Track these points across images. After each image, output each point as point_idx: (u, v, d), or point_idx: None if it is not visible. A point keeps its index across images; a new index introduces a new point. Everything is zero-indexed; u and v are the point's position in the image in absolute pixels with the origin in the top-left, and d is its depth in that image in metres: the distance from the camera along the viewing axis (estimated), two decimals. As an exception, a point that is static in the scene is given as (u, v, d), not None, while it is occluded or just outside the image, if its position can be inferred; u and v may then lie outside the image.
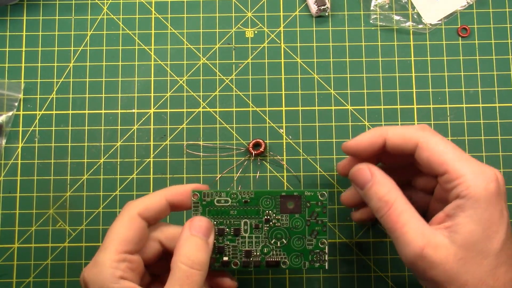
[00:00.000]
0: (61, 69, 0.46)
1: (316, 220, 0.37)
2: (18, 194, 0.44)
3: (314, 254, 0.37)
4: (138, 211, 0.34)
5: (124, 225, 0.34)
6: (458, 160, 0.32)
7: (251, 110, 0.45)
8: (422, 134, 0.34)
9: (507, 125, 0.45)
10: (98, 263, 0.33)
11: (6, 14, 0.47)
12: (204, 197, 0.37)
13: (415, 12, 0.46)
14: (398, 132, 0.35)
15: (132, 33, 0.46)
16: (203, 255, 0.33)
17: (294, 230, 0.37)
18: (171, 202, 0.36)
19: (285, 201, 0.37)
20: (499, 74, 0.45)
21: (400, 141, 0.35)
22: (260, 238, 0.37)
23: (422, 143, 0.34)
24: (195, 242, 0.34)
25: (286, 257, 0.37)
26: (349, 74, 0.46)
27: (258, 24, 0.46)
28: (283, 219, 0.37)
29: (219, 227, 0.37)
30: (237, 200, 0.37)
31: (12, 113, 0.45)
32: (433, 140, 0.34)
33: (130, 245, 0.34)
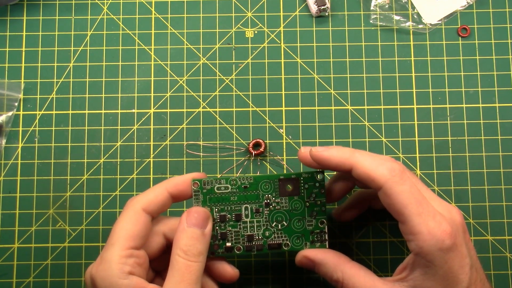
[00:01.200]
0: (61, 69, 0.46)
1: (315, 201, 0.38)
2: (18, 194, 0.44)
3: (315, 234, 0.38)
4: (142, 206, 0.35)
5: (130, 221, 0.34)
6: (417, 215, 0.31)
7: (251, 110, 0.45)
8: (389, 179, 0.32)
9: (507, 125, 0.45)
10: (105, 259, 0.33)
11: (6, 14, 0.47)
12: (204, 185, 0.37)
13: (415, 12, 0.46)
14: (365, 168, 0.33)
15: (132, 33, 0.46)
16: (200, 246, 0.34)
17: (294, 212, 0.38)
18: (173, 193, 0.36)
19: (284, 184, 0.38)
20: (499, 74, 0.45)
21: (364, 177, 0.33)
22: (261, 222, 0.38)
23: (385, 189, 0.32)
24: (191, 234, 0.34)
25: (287, 239, 0.38)
26: (349, 74, 0.46)
27: (258, 24, 0.46)
28: (282, 202, 0.38)
29: (221, 213, 0.38)
30: (236, 186, 0.38)
31: (12, 113, 0.45)
32: (397, 189, 0.32)
33: (136, 241, 0.34)
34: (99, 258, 0.34)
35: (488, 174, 0.44)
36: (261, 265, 0.43)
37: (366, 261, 0.43)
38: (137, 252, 0.34)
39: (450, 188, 0.44)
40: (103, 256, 0.33)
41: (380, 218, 0.43)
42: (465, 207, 0.43)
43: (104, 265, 0.33)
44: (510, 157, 0.44)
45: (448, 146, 0.44)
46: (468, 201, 0.44)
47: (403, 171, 0.32)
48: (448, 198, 0.43)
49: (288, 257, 0.43)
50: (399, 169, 0.32)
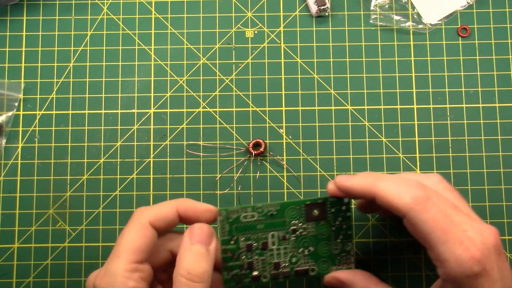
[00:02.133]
0: (61, 69, 0.46)
1: (341, 224, 0.38)
2: (18, 194, 0.44)
3: (341, 258, 0.38)
4: (150, 220, 0.34)
5: (136, 234, 0.33)
6: (442, 243, 0.31)
7: (251, 110, 0.45)
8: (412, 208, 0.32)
9: (507, 125, 0.45)
10: (110, 272, 0.32)
11: (6, 14, 0.47)
12: (230, 214, 0.37)
13: (415, 12, 0.46)
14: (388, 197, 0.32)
15: (132, 33, 0.46)
16: (204, 265, 0.33)
17: (320, 236, 0.38)
18: (181, 215, 0.35)
19: (310, 209, 0.37)
20: (499, 74, 0.45)
21: (388, 206, 0.33)
22: (287, 249, 0.38)
23: (409, 218, 0.32)
24: (195, 252, 0.33)
25: (314, 264, 0.38)
26: (349, 74, 0.46)
27: (258, 24, 0.46)
28: (309, 227, 0.37)
29: (247, 242, 0.37)
30: (263, 214, 0.37)
31: (12, 113, 0.45)
32: (421, 217, 0.31)
33: (141, 254, 0.33)
34: (104, 269, 0.33)
35: (488, 174, 0.44)
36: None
37: (367, 261, 0.43)
38: (142, 266, 0.33)
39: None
40: (108, 268, 0.33)
41: (380, 218, 0.44)
42: (465, 207, 0.43)
43: (109, 278, 0.32)
44: (510, 157, 0.44)
45: (448, 146, 0.44)
46: (468, 201, 0.44)
47: (427, 198, 0.32)
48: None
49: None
50: (423, 196, 0.32)
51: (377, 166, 0.44)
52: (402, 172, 0.44)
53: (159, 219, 0.34)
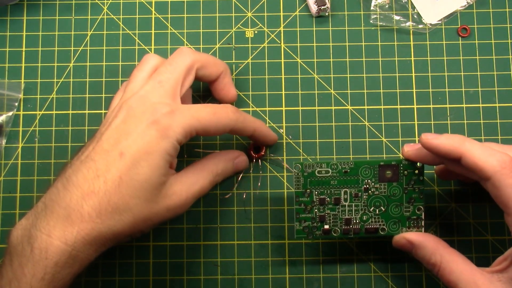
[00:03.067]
0: (61, 69, 0.46)
1: (413, 187, 0.39)
2: (18, 194, 0.44)
3: (411, 221, 0.39)
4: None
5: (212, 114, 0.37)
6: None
7: (251, 110, 0.45)
8: (498, 171, 0.32)
9: (507, 125, 0.45)
10: (181, 113, 0.35)
11: (6, 14, 0.47)
12: (305, 168, 0.39)
13: (415, 12, 0.46)
14: (475, 158, 0.33)
15: (132, 33, 0.46)
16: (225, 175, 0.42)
17: (392, 198, 0.39)
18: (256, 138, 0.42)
19: (384, 170, 0.39)
20: (499, 74, 0.45)
21: (473, 167, 0.33)
22: (359, 207, 0.39)
23: (494, 181, 0.32)
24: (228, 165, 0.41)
25: (384, 224, 0.39)
26: (349, 74, 0.46)
27: (258, 24, 0.46)
28: (381, 187, 0.39)
29: (320, 196, 0.39)
30: (337, 170, 0.39)
31: (12, 113, 0.45)
32: (506, 182, 0.32)
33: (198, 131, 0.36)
34: (175, 108, 0.36)
35: (488, 174, 0.44)
36: (261, 265, 0.43)
37: (366, 261, 0.43)
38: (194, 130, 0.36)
39: (450, 188, 0.44)
40: (180, 111, 0.36)
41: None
42: (465, 207, 0.43)
43: (179, 116, 0.35)
44: (510, 157, 0.44)
45: (448, 146, 0.44)
46: (468, 201, 0.44)
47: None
48: (448, 198, 0.43)
49: (288, 257, 0.43)
50: (510, 161, 0.32)
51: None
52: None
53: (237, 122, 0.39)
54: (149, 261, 0.43)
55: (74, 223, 0.33)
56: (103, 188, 0.33)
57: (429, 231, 0.43)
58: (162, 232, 0.43)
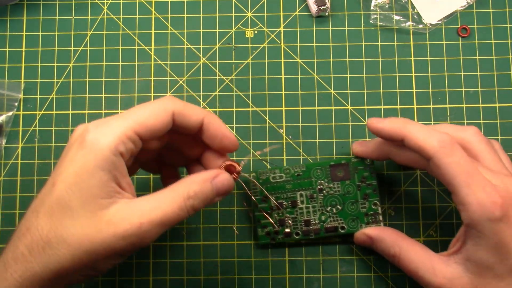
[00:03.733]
0: (61, 69, 0.46)
1: (366, 184, 0.41)
2: (18, 194, 0.44)
3: (369, 216, 0.40)
4: (174, 110, 0.32)
5: (154, 112, 0.32)
6: (466, 186, 0.32)
7: (251, 110, 0.45)
8: (438, 150, 0.33)
9: (507, 125, 0.45)
10: (109, 124, 0.31)
11: (6, 14, 0.47)
12: (260, 175, 0.41)
13: (415, 12, 0.46)
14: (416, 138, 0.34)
15: (132, 33, 0.46)
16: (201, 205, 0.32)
17: (347, 196, 0.41)
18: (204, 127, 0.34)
19: (335, 169, 0.41)
20: (499, 74, 0.45)
21: (415, 147, 0.34)
22: (316, 207, 0.41)
23: (435, 160, 0.33)
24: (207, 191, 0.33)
25: (343, 222, 0.41)
26: (349, 74, 0.46)
27: (258, 24, 0.46)
28: (335, 187, 0.41)
29: (278, 201, 0.40)
30: (290, 174, 0.41)
31: (12, 113, 0.45)
32: (446, 160, 0.33)
33: (146, 133, 0.31)
34: (105, 120, 0.31)
35: (488, 174, 0.44)
36: (262, 265, 0.43)
37: (366, 261, 0.43)
38: (138, 143, 0.31)
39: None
40: (109, 121, 0.31)
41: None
42: (465, 207, 0.43)
43: (105, 129, 0.30)
44: (510, 157, 0.44)
45: (448, 146, 0.44)
46: (468, 201, 0.44)
47: (454, 143, 0.33)
48: (448, 198, 0.43)
49: (288, 257, 0.43)
50: (449, 141, 0.33)
51: (377, 166, 0.44)
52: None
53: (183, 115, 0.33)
54: (149, 261, 0.43)
55: (9, 266, 0.30)
56: (35, 223, 0.30)
57: (429, 231, 0.43)
58: (162, 232, 0.43)
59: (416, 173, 0.44)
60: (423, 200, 0.44)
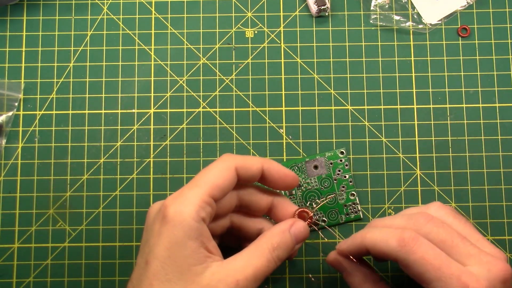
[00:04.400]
0: (61, 69, 0.46)
1: (342, 176, 0.42)
2: (18, 194, 0.44)
3: (348, 207, 0.42)
4: (236, 165, 0.34)
5: (221, 173, 0.33)
6: (437, 280, 0.31)
7: (251, 110, 0.45)
8: (399, 251, 0.32)
9: (507, 125, 0.45)
10: (186, 196, 0.32)
11: (6, 14, 0.47)
12: None
13: (415, 12, 0.46)
14: (377, 247, 0.33)
15: (132, 33, 0.46)
16: (286, 255, 0.34)
17: (325, 189, 0.42)
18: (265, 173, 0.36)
19: (310, 165, 0.42)
20: (499, 74, 0.45)
21: (381, 255, 0.33)
22: (296, 203, 0.42)
23: (400, 261, 0.32)
24: (288, 241, 0.34)
25: (323, 215, 0.42)
26: (349, 74, 0.46)
27: (258, 24, 0.46)
28: (312, 182, 0.42)
29: None
30: None
31: (12, 113, 0.45)
32: (411, 258, 0.31)
33: (220, 193, 0.33)
34: (179, 193, 0.33)
35: (488, 174, 0.44)
36: (261, 265, 0.43)
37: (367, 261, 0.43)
38: (214, 204, 0.33)
39: (450, 188, 0.44)
40: (183, 192, 0.32)
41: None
42: (465, 207, 0.43)
43: (183, 201, 0.32)
44: (510, 157, 0.44)
45: (448, 146, 0.44)
46: (468, 201, 0.44)
47: (414, 238, 0.32)
48: (448, 198, 0.43)
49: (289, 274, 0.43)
50: (410, 237, 0.32)
51: (377, 166, 0.44)
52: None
53: (245, 167, 0.34)
54: (149, 261, 0.43)
55: None
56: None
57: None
58: (162, 232, 0.43)
59: (416, 173, 0.44)
60: (422, 200, 0.44)
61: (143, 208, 0.44)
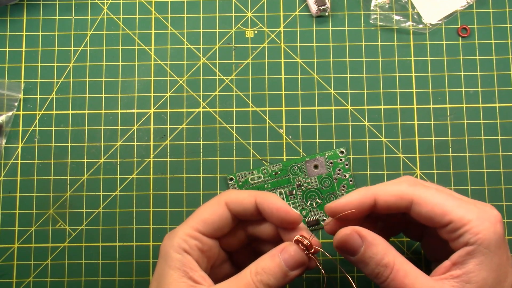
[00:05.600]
0: (61, 69, 0.46)
1: (342, 175, 0.42)
2: (18, 194, 0.44)
3: None
4: (226, 200, 0.35)
5: (209, 209, 0.35)
6: (459, 207, 0.32)
7: (251, 110, 0.45)
8: (415, 189, 0.33)
9: (507, 125, 0.45)
10: (175, 232, 0.34)
11: (6, 14, 0.47)
12: (238, 178, 0.42)
13: (415, 12, 0.46)
14: (390, 191, 0.33)
15: (132, 33, 0.46)
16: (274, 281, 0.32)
17: (325, 188, 0.42)
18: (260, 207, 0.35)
19: (311, 165, 0.42)
20: (499, 74, 0.45)
21: (393, 201, 0.33)
22: (296, 203, 0.42)
23: (418, 199, 0.32)
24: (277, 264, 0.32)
25: (323, 215, 0.42)
26: (349, 74, 0.46)
27: (258, 24, 0.46)
28: (312, 181, 0.42)
29: None
30: (268, 174, 0.42)
31: (12, 113, 0.45)
32: (428, 193, 0.32)
33: (207, 227, 0.34)
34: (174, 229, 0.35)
35: (488, 174, 0.44)
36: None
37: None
38: (204, 238, 0.34)
39: (450, 188, 0.44)
40: (176, 229, 0.35)
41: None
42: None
43: (170, 235, 0.34)
44: (510, 157, 0.44)
45: (448, 146, 0.44)
46: (468, 201, 0.44)
47: (421, 181, 0.34)
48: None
49: (288, 257, 0.43)
50: (417, 180, 0.34)
51: (377, 166, 0.44)
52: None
53: (236, 202, 0.35)
54: (149, 261, 0.43)
55: None
56: None
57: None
58: (162, 232, 0.43)
59: (416, 173, 0.44)
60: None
61: (143, 208, 0.44)
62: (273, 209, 0.34)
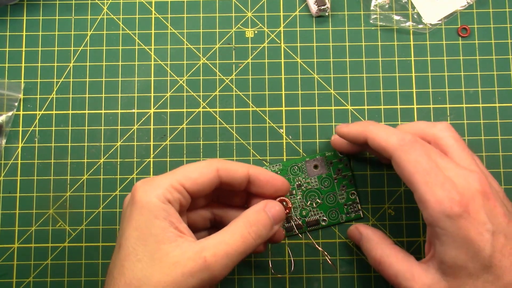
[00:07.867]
0: (61, 69, 0.46)
1: (342, 175, 0.42)
2: (18, 194, 0.44)
3: (348, 207, 0.42)
4: (218, 167, 0.34)
5: (198, 168, 0.34)
6: (424, 184, 0.32)
7: (251, 110, 0.45)
8: (397, 148, 0.34)
9: (507, 125, 0.45)
10: (156, 180, 0.33)
11: (6, 14, 0.47)
12: None
13: (415, 12, 0.46)
14: (377, 138, 0.35)
15: (132, 33, 0.46)
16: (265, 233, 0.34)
17: (325, 189, 0.42)
18: (251, 179, 0.36)
19: (310, 165, 0.43)
20: (499, 74, 0.45)
21: (377, 147, 0.35)
22: (296, 203, 0.42)
23: (394, 158, 0.34)
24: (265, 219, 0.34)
25: (323, 215, 0.42)
26: (349, 74, 0.46)
27: (258, 24, 0.46)
28: (312, 181, 0.42)
29: None
30: None
31: (12, 113, 0.45)
32: (405, 158, 0.33)
33: (193, 186, 0.33)
34: (149, 178, 0.34)
35: (488, 174, 0.44)
36: (261, 264, 0.43)
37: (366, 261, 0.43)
38: (187, 195, 0.33)
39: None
40: (154, 178, 0.33)
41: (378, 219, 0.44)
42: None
43: (152, 183, 0.33)
44: (510, 157, 0.44)
45: (448, 146, 0.44)
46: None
47: (414, 141, 0.34)
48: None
49: (288, 257, 0.43)
50: (410, 139, 0.34)
51: (378, 166, 0.44)
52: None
53: (228, 171, 0.35)
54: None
55: None
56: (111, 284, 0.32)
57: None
58: (162, 232, 0.43)
59: (416, 173, 0.44)
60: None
61: (143, 208, 0.44)
62: (269, 178, 0.36)
